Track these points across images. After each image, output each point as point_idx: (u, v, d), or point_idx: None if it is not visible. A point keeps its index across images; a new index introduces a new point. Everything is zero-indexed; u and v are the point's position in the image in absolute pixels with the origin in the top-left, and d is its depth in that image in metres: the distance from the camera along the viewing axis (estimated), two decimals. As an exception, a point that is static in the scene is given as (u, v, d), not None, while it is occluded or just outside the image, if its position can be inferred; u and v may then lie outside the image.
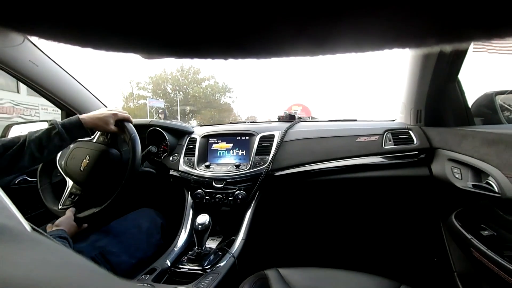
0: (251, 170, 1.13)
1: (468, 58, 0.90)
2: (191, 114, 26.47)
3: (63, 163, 1.06)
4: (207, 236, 0.91)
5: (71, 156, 1.05)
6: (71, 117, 0.90)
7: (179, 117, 23.96)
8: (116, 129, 0.97)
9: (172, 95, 26.19)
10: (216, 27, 0.10)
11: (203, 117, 26.49)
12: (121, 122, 0.98)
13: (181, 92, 26.71)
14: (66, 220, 0.92)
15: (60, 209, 0.99)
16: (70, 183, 1.04)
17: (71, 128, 0.87)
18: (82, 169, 1.00)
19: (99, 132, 1.07)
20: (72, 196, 1.02)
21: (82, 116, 0.91)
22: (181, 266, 0.88)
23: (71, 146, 1.07)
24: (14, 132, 1.44)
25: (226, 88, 27.66)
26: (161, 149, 1.40)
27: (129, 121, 1.00)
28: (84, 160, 1.01)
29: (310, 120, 1.47)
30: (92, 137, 1.07)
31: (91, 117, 0.92)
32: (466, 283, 0.93)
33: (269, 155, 1.15)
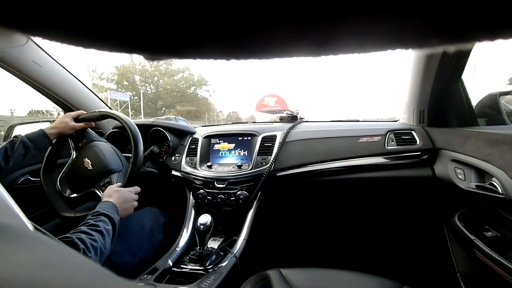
0: (253, 171, 1.13)
1: (472, 59, 0.90)
2: (164, 109, 23.63)
3: (73, 191, 1.02)
4: (209, 236, 0.91)
5: (73, 174, 1.03)
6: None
7: (142, 114, 20.26)
8: (82, 124, 1.04)
9: (140, 87, 23.15)
10: (219, 28, 0.10)
11: (179, 113, 23.81)
12: (77, 118, 1.04)
13: (151, 85, 23.78)
14: (114, 191, 0.87)
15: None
16: (95, 184, 1.01)
17: (33, 137, 0.93)
18: (90, 167, 1.00)
19: (72, 144, 1.06)
20: (107, 184, 1.00)
21: (44, 127, 0.98)
22: (183, 266, 0.88)
23: (63, 172, 1.05)
24: (17, 132, 1.45)
25: (203, 80, 25.07)
26: (163, 149, 1.40)
27: (81, 114, 1.06)
28: (84, 162, 1.00)
29: (312, 120, 1.47)
30: (72, 155, 1.06)
31: (51, 125, 1.00)
32: (469, 284, 0.93)
33: (271, 155, 1.15)
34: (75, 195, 1.01)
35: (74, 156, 1.04)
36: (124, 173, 1.01)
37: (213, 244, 1.06)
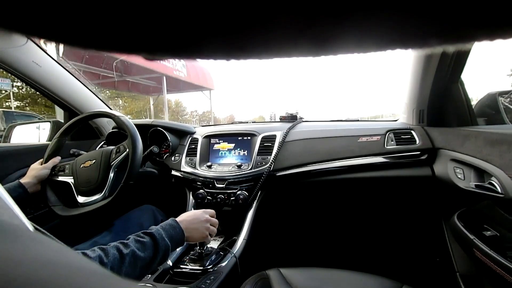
0: (252, 170, 1.13)
1: (471, 58, 0.90)
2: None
3: (97, 191, 0.97)
4: None
5: (84, 182, 0.98)
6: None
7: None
8: (52, 161, 1.02)
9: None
10: (218, 28, 0.10)
11: (125, 111, 17.90)
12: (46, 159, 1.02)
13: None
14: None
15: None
16: (111, 164, 0.99)
17: (6, 188, 0.88)
18: (93, 162, 0.99)
19: (62, 176, 1.03)
20: (122, 153, 0.99)
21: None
22: (182, 266, 0.88)
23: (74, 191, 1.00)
24: (16, 133, 1.44)
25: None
26: (163, 149, 1.40)
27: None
28: (86, 165, 1.00)
29: (312, 120, 1.47)
30: (72, 178, 1.01)
31: (24, 176, 0.98)
32: (469, 283, 0.93)
33: (271, 155, 1.15)
34: (100, 193, 0.96)
35: (73, 179, 1.00)
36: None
37: (213, 244, 1.06)
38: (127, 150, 0.97)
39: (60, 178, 1.01)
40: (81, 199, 0.97)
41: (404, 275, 0.94)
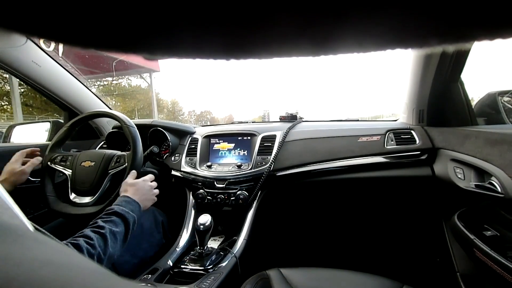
0: (252, 170, 1.13)
1: (471, 58, 0.90)
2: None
3: (90, 193, 0.98)
4: (209, 236, 0.91)
5: (81, 182, 0.98)
6: None
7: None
8: (31, 163, 0.93)
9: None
10: (218, 27, 0.10)
11: (117, 110, 15.26)
12: (30, 156, 0.97)
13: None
14: (129, 186, 0.84)
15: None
16: (108, 170, 1.00)
17: None
18: (92, 164, 1.00)
19: (61, 169, 1.01)
20: (120, 160, 1.00)
21: None
22: (183, 266, 0.88)
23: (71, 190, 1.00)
24: (16, 133, 1.44)
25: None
26: (163, 149, 1.40)
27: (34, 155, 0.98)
28: (84, 165, 1.00)
29: (312, 120, 1.47)
30: (69, 174, 1.01)
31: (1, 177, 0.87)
32: (469, 283, 0.93)
33: (271, 155, 1.15)
34: (92, 197, 0.96)
35: (71, 173, 1.00)
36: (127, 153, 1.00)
37: (213, 244, 1.06)
38: (126, 164, 0.97)
39: (60, 168, 1.02)
40: (73, 196, 0.99)
41: (405, 275, 0.94)
